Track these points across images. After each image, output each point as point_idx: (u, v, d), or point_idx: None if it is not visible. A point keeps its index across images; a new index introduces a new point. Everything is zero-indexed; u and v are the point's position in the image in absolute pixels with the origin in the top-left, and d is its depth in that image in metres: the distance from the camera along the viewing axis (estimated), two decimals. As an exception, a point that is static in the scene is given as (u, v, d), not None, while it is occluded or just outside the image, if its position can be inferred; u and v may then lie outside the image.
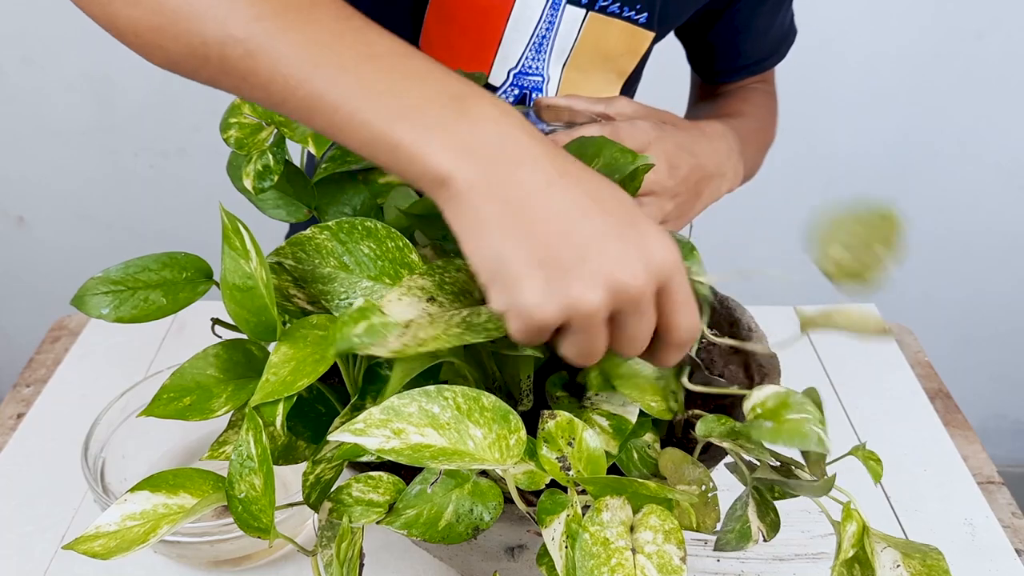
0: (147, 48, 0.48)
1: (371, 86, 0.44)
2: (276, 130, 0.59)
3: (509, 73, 0.82)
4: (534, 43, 0.81)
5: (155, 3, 0.46)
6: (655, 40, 0.86)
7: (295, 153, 0.69)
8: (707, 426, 0.50)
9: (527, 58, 0.82)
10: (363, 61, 0.44)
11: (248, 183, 0.58)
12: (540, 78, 0.84)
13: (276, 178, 0.58)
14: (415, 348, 0.44)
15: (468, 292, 0.48)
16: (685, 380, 0.55)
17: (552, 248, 0.41)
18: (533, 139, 0.43)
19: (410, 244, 0.52)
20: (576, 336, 0.44)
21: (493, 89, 0.83)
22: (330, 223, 0.52)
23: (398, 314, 0.45)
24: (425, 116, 0.43)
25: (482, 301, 0.47)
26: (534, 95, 0.85)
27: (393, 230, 0.52)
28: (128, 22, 0.48)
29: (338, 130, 0.44)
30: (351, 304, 0.51)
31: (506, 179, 0.42)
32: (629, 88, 0.91)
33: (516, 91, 0.84)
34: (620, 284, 0.42)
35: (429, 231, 0.59)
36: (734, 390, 0.55)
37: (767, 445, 0.49)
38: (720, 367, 0.66)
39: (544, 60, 0.82)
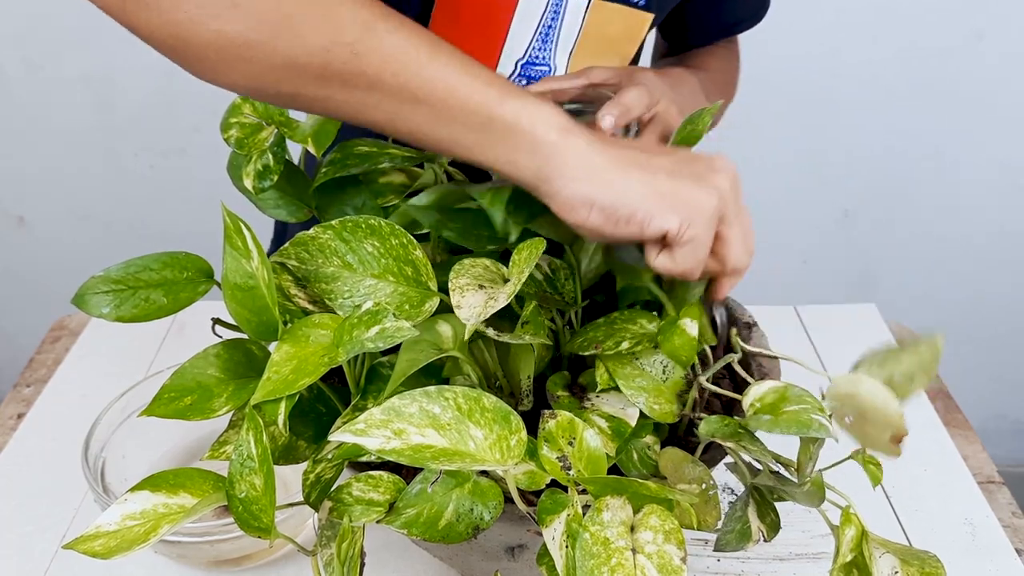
0: (224, 65, 0.47)
1: (476, 75, 0.49)
2: (276, 130, 0.59)
3: (517, 64, 0.83)
4: (540, 33, 0.82)
5: (258, 16, 0.46)
6: (653, 22, 0.86)
7: (295, 153, 0.69)
8: (711, 427, 0.50)
9: (534, 48, 0.82)
10: (460, 56, 0.49)
11: (248, 183, 0.58)
12: (547, 68, 0.84)
13: (276, 178, 0.58)
14: None
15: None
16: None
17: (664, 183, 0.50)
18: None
19: (414, 241, 0.52)
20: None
21: None
22: (333, 222, 0.52)
23: None
24: (526, 98, 0.49)
25: None
26: None
27: (397, 227, 0.52)
28: (213, 37, 0.46)
29: (447, 116, 0.48)
30: (355, 303, 0.51)
31: (605, 145, 0.50)
32: None
33: (524, 82, 0.84)
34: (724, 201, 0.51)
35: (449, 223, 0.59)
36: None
37: (766, 437, 0.49)
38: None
39: (551, 50, 0.83)
